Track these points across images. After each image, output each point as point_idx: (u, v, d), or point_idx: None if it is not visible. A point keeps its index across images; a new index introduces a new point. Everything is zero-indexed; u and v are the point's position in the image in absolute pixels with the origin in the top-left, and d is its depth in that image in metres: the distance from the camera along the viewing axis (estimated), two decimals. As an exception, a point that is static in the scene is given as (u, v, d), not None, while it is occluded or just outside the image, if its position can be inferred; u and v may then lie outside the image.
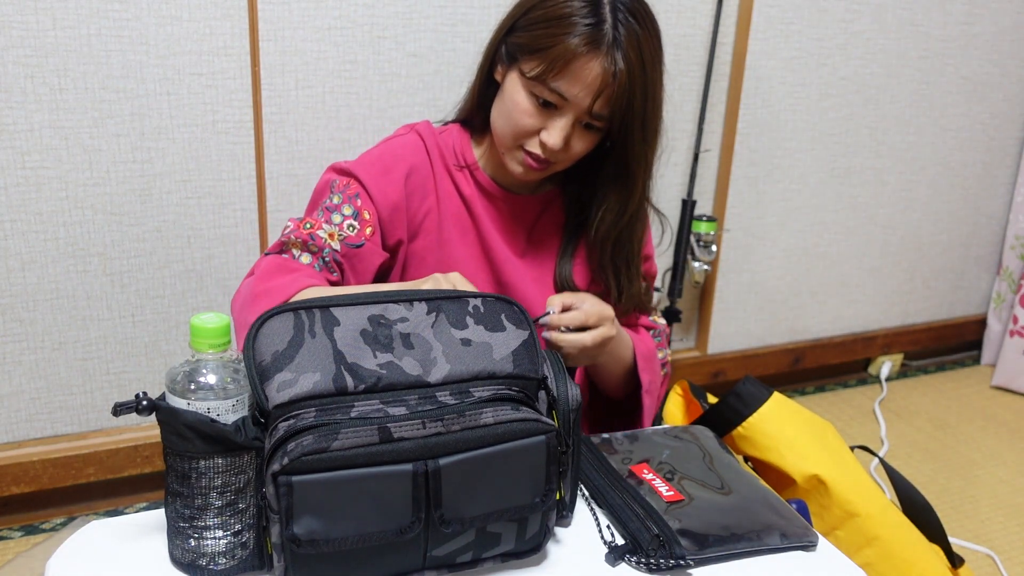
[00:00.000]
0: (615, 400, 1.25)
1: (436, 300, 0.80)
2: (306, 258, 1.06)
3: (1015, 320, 2.49)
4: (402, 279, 1.16)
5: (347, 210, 1.09)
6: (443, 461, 0.71)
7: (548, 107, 1.05)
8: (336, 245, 1.07)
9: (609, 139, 1.10)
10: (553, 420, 0.81)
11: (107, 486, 1.74)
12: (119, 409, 0.71)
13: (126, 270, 1.61)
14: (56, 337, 1.60)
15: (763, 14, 1.97)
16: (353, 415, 0.71)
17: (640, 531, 0.83)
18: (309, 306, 0.76)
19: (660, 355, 1.26)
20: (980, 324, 2.67)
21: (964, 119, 2.36)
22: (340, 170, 1.13)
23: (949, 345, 2.68)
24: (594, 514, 0.88)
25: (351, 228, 1.08)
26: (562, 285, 1.19)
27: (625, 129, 1.05)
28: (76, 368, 1.63)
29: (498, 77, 1.12)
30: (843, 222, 2.30)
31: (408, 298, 0.79)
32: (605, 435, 1.02)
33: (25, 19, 1.41)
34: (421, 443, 0.70)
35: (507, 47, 1.09)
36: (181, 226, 1.62)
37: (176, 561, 0.77)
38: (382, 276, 1.14)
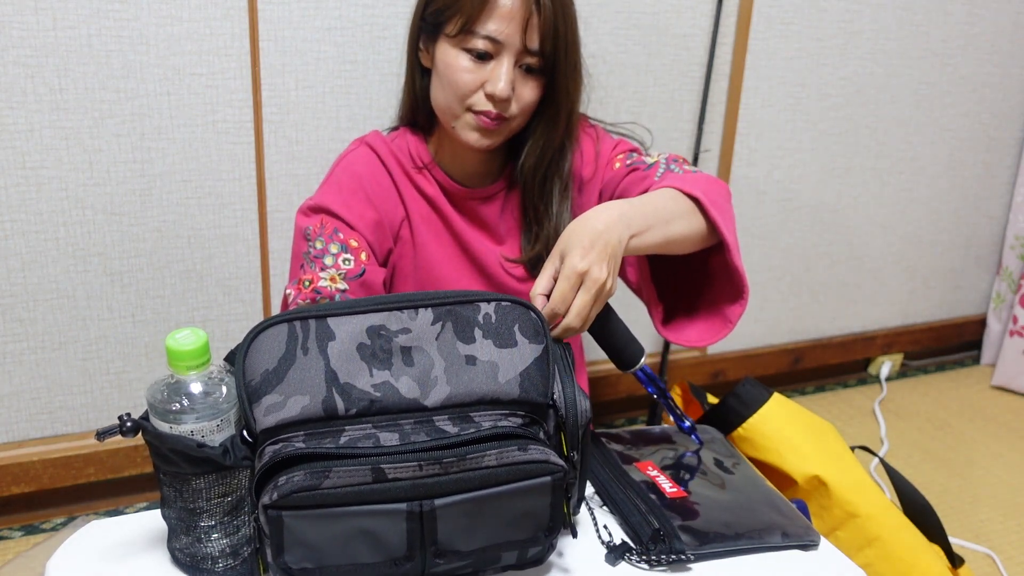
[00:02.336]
0: (701, 263, 1.13)
1: (444, 306, 0.74)
2: None
3: (1015, 320, 2.48)
4: (390, 288, 1.16)
5: (334, 248, 1.07)
6: (439, 502, 0.67)
7: (484, 59, 1.05)
8: (342, 285, 1.04)
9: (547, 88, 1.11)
10: (561, 439, 0.77)
11: (107, 486, 1.74)
12: (102, 435, 0.68)
13: (126, 270, 1.61)
14: (56, 337, 1.60)
15: (763, 14, 1.97)
16: (343, 441, 0.68)
17: (641, 525, 0.83)
18: (305, 316, 0.72)
19: (673, 171, 1.13)
20: (980, 324, 2.67)
21: (964, 119, 2.36)
22: (309, 209, 1.11)
23: (949, 345, 2.68)
24: (592, 515, 0.88)
25: (347, 262, 1.07)
26: (529, 260, 1.20)
27: (554, 61, 1.07)
28: (76, 368, 1.63)
29: (426, 62, 1.13)
30: (843, 222, 2.30)
31: (414, 304, 0.74)
32: (611, 431, 1.02)
33: (25, 19, 1.41)
34: (417, 483, 0.67)
35: (426, 22, 1.10)
36: (181, 226, 1.62)
37: (177, 562, 0.77)
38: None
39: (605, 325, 0.96)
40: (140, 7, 1.47)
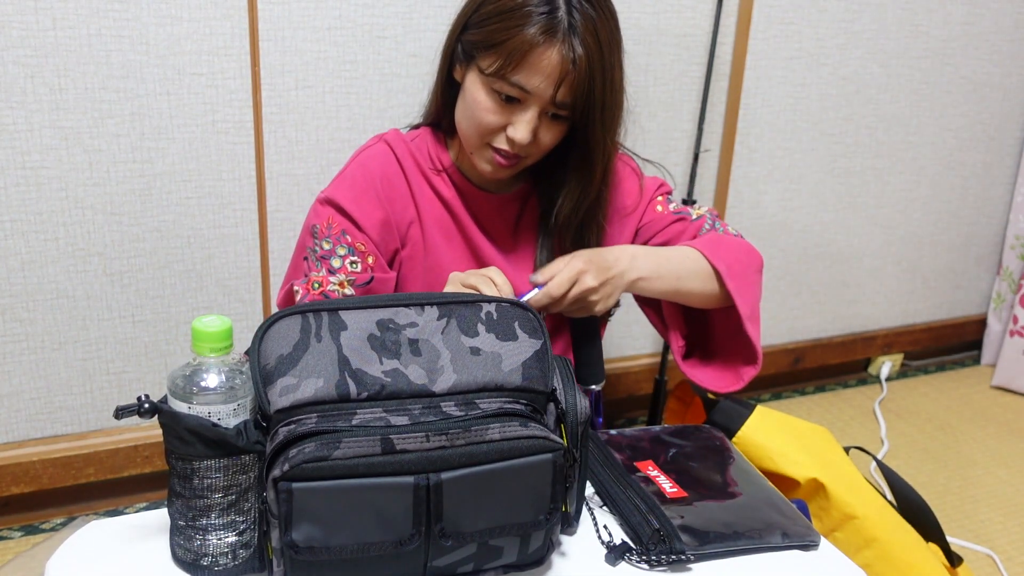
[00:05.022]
0: (721, 323, 1.23)
1: (449, 305, 0.78)
2: None
3: (1015, 320, 2.49)
4: (398, 288, 1.16)
5: (341, 251, 1.08)
6: (445, 475, 0.69)
7: (511, 102, 1.04)
8: (349, 292, 1.07)
9: (575, 127, 1.09)
10: (561, 433, 0.79)
11: (107, 486, 1.74)
12: (121, 412, 0.71)
13: (126, 270, 1.61)
14: (56, 337, 1.60)
15: (763, 14, 1.97)
16: (355, 423, 0.70)
17: (641, 525, 0.84)
18: (318, 309, 0.75)
19: (717, 229, 1.24)
20: (980, 324, 2.67)
21: (964, 119, 2.36)
22: (320, 202, 1.12)
23: (949, 345, 2.68)
24: (592, 515, 0.88)
25: (354, 265, 1.08)
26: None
27: (586, 115, 1.04)
28: (76, 368, 1.63)
29: (458, 77, 1.11)
30: (843, 222, 2.30)
31: (420, 302, 0.78)
32: (612, 431, 1.02)
33: (25, 19, 1.41)
34: (424, 456, 0.69)
35: (462, 46, 1.08)
36: (181, 226, 1.62)
37: (178, 560, 0.77)
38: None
39: (587, 334, 1.12)
40: (140, 7, 1.47)
